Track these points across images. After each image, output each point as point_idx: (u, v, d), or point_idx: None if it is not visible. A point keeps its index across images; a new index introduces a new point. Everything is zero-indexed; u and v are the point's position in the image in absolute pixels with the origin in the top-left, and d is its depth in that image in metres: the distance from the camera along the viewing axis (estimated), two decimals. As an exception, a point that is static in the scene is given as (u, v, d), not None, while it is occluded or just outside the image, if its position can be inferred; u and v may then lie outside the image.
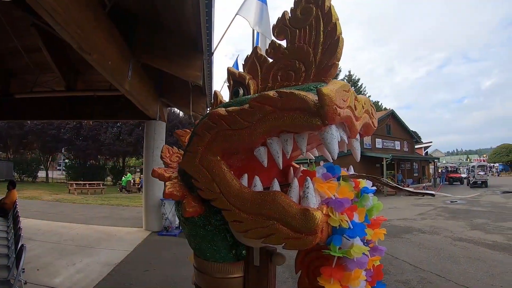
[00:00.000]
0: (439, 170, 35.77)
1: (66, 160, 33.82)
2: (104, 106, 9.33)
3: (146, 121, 9.36)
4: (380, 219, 1.48)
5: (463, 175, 32.61)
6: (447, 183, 31.57)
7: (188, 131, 1.86)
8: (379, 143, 26.88)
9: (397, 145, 29.44)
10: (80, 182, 21.67)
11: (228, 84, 1.74)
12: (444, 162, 46.10)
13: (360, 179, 1.48)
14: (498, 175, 44.51)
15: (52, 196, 17.09)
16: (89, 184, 21.05)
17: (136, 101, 7.19)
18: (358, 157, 1.42)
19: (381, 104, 48.91)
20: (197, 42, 6.27)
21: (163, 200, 9.05)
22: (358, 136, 1.40)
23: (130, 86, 6.21)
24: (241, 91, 1.60)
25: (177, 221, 9.14)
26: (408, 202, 16.63)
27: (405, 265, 5.94)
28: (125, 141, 28.59)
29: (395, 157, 24.78)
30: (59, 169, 33.82)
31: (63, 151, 31.96)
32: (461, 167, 37.90)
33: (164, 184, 1.53)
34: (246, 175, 1.40)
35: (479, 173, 27.25)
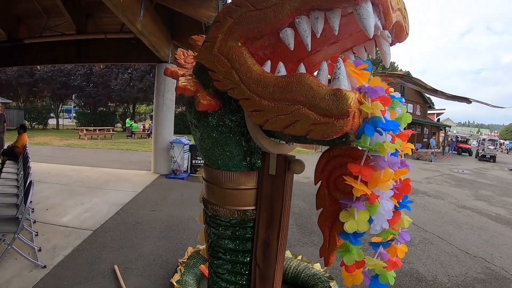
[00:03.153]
0: (449, 139, 35.21)
1: (76, 107, 33.91)
2: (115, 49, 9.16)
3: (157, 64, 9.19)
4: (409, 132, 1.31)
5: (473, 147, 32.00)
6: (456, 152, 31.06)
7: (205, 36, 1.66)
8: (392, 103, 26.22)
9: (410, 108, 28.68)
10: (90, 128, 21.76)
11: None
12: (454, 131, 45.20)
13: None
14: (507, 153, 43.55)
15: (62, 141, 17.17)
16: (99, 129, 21.12)
17: (147, 42, 7.08)
18: (388, 62, 1.27)
19: (397, 65, 46.81)
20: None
21: (172, 143, 9.08)
22: (389, 40, 1.26)
23: (142, 26, 6.09)
24: None
25: (186, 164, 9.17)
26: (416, 165, 16.51)
27: (408, 224, 5.95)
28: (135, 87, 28.26)
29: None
30: (68, 117, 33.71)
31: (73, 98, 31.95)
32: (471, 139, 37.14)
33: (177, 80, 1.38)
34: (269, 62, 1.25)
35: (489, 147, 26.61)
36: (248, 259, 1.56)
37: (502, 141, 43.36)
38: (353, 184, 1.06)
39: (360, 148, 1.12)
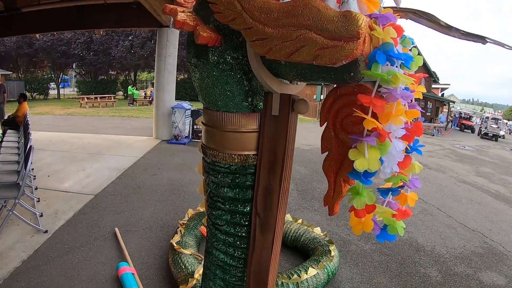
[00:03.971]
0: (452, 115, 34.55)
1: (77, 76, 33.53)
2: (115, 14, 8.86)
3: (158, 28, 8.98)
4: (421, 75, 1.20)
5: (476, 125, 31.24)
6: (458, 129, 30.41)
7: None
8: (395, 74, 25.60)
9: (414, 80, 28.05)
10: (91, 96, 21.54)
11: None
12: (458, 108, 44.19)
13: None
14: (510, 133, 42.62)
15: (63, 110, 17.03)
16: (100, 97, 20.87)
17: (148, 6, 6.93)
18: (399, 3, 1.21)
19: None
20: None
21: (173, 108, 8.96)
22: None
23: (142, -12, 5.82)
24: None
25: (187, 129, 9.08)
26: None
27: (408, 194, 5.98)
28: (136, 54, 27.70)
29: (410, 92, 23.85)
30: (62, 87, 33.08)
31: (74, 66, 31.53)
32: (474, 116, 36.33)
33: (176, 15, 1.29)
34: None
35: (492, 125, 25.60)
36: (248, 208, 1.48)
37: (505, 121, 42.58)
38: (363, 116, 0.97)
39: (369, 86, 1.02)
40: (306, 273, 2.70)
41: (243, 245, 1.51)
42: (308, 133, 12.94)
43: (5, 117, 8.74)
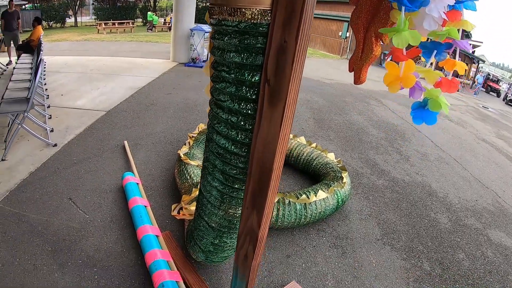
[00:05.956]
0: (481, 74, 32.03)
1: (95, 3, 32.62)
2: None
3: None
4: None
5: (503, 90, 28.85)
6: (484, 90, 28.40)
7: None
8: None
9: (446, 32, 25.72)
10: (109, 22, 20.90)
11: None
12: (487, 69, 40.51)
13: None
14: None
15: (80, 36, 16.59)
16: (118, 23, 20.22)
17: None
18: None
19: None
20: None
21: (192, 30, 8.54)
22: None
23: None
24: None
25: (205, 53, 8.73)
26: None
27: (427, 141, 5.72)
28: (157, -22, 26.51)
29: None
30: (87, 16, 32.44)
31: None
32: (502, 81, 33.43)
33: None
34: None
35: None
36: (257, 78, 1.22)
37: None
38: None
39: None
40: (316, 196, 2.52)
41: (247, 126, 1.29)
42: (331, 69, 12.76)
43: (20, 43, 8.56)
